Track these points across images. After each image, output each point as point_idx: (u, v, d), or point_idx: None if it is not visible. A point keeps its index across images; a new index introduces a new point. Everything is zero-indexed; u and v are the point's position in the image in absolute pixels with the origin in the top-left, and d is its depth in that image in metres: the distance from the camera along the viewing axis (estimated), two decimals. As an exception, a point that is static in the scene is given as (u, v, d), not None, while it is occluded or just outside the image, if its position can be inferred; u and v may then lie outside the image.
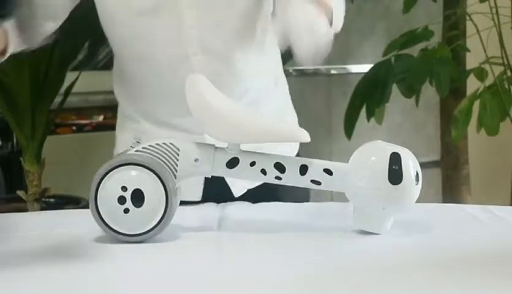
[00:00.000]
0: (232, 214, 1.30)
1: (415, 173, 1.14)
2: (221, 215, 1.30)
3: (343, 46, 3.23)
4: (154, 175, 1.12)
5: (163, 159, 1.15)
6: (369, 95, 2.62)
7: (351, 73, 3.22)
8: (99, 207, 1.13)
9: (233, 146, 1.16)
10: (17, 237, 1.20)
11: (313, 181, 1.15)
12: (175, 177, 1.14)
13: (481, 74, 2.63)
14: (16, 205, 2.51)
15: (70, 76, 2.48)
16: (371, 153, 1.16)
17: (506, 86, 2.62)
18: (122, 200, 1.12)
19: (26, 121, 2.39)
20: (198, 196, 1.40)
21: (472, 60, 2.77)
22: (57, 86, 2.44)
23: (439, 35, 2.81)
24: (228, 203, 1.37)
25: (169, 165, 1.15)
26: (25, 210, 2.37)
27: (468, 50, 2.78)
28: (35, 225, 1.27)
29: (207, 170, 1.16)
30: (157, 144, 1.15)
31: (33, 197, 2.40)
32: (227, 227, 1.23)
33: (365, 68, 2.73)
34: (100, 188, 1.12)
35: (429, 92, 2.77)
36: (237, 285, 0.95)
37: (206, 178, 1.39)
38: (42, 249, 1.13)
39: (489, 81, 2.63)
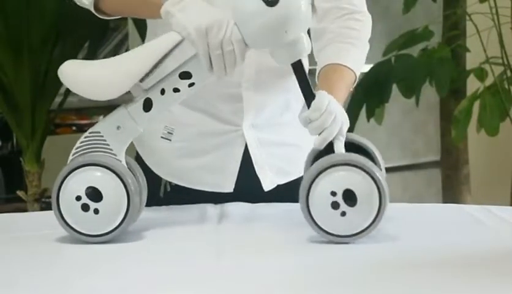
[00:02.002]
0: (231, 215, 1.30)
1: None
2: (220, 215, 1.30)
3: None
4: (111, 173, 1.12)
5: (96, 148, 1.14)
6: (369, 95, 2.62)
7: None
8: (62, 212, 1.13)
9: (136, 91, 1.15)
10: (16, 238, 1.20)
11: None
12: (115, 156, 1.14)
13: (481, 74, 2.63)
14: (16, 205, 2.51)
15: (70, 77, 2.47)
16: None
17: (506, 86, 2.62)
18: (85, 206, 1.12)
19: (25, 121, 2.39)
20: (230, 188, 1.39)
21: (472, 61, 2.77)
22: (57, 86, 2.44)
23: (439, 35, 2.81)
24: (227, 203, 1.37)
25: (103, 150, 1.14)
26: (25, 210, 2.38)
27: (468, 50, 2.78)
28: (35, 226, 1.27)
29: (133, 127, 1.15)
30: (81, 142, 1.15)
31: (33, 197, 2.40)
32: (226, 228, 1.23)
33: (365, 68, 2.73)
34: (60, 196, 1.13)
35: (429, 92, 2.77)
36: (235, 287, 0.95)
37: (239, 170, 1.38)
38: (42, 250, 1.12)
39: (489, 81, 2.63)
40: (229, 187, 1.38)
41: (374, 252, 1.08)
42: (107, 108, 1.52)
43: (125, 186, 1.13)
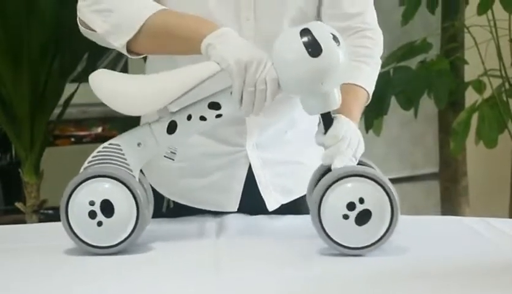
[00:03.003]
0: (230, 227, 1.30)
1: (331, 37, 1.12)
2: (219, 227, 1.30)
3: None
4: (122, 185, 1.12)
5: (112, 160, 1.15)
6: (368, 107, 2.61)
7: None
8: (70, 222, 1.13)
9: (162, 112, 1.15)
10: (15, 249, 1.20)
11: None
12: (131, 171, 1.14)
13: (479, 86, 2.63)
14: (15, 217, 2.51)
15: (69, 88, 2.48)
16: (284, 41, 1.13)
17: (505, 99, 2.62)
18: (92, 214, 1.12)
19: (24, 132, 2.39)
20: (233, 208, 1.39)
21: (470, 73, 2.78)
22: (56, 97, 2.44)
23: (437, 47, 2.82)
24: (226, 215, 1.37)
25: (120, 162, 1.15)
26: (23, 222, 2.37)
27: (467, 62, 2.78)
28: (33, 237, 1.27)
29: (154, 147, 1.16)
30: (99, 151, 1.15)
31: (31, 209, 2.40)
32: (225, 240, 1.23)
33: (363, 80, 2.73)
34: (70, 203, 1.13)
35: (428, 104, 2.78)
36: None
37: (243, 190, 1.38)
38: (40, 262, 1.12)
39: (487, 93, 2.64)
40: (233, 207, 1.38)
41: (372, 264, 1.08)
42: (105, 119, 1.53)
43: (135, 198, 1.13)
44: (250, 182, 1.38)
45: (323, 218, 1.10)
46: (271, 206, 1.39)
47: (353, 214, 1.09)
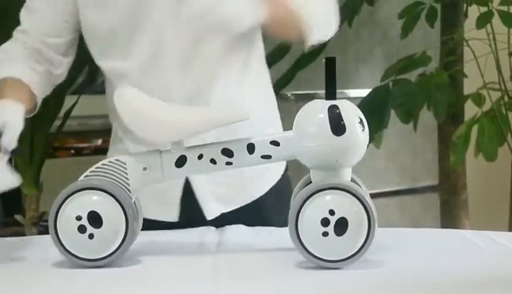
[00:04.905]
0: (230, 238, 1.30)
1: (358, 120, 1.13)
2: (219, 239, 1.30)
3: (341, 70, 3.23)
4: (110, 197, 1.12)
5: (113, 177, 1.14)
6: (368, 120, 2.62)
7: (350, 98, 3.22)
8: (59, 236, 1.13)
9: (177, 145, 1.16)
10: (13, 262, 1.20)
11: (263, 156, 1.16)
12: (129, 192, 1.14)
13: (478, 99, 2.64)
14: (14, 229, 2.50)
15: (69, 100, 2.48)
16: (310, 112, 1.15)
17: (504, 112, 2.63)
18: (81, 228, 1.12)
19: (24, 144, 2.39)
20: (174, 218, 1.39)
21: (470, 86, 2.79)
22: (56, 109, 2.44)
23: (437, 60, 2.83)
24: (227, 226, 1.37)
25: (120, 181, 1.14)
26: (23, 234, 2.36)
27: (466, 76, 2.79)
28: (32, 250, 1.27)
29: (158, 176, 1.16)
30: (103, 164, 1.15)
31: (31, 221, 2.39)
32: (224, 252, 1.23)
33: (363, 93, 2.74)
34: (58, 216, 1.12)
35: (427, 116, 2.78)
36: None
37: (181, 199, 1.39)
38: (38, 274, 1.12)
39: (487, 106, 2.64)
40: (173, 217, 1.39)
41: (370, 276, 1.08)
42: (105, 131, 1.53)
43: (124, 209, 1.12)
44: (189, 191, 1.38)
45: (300, 232, 1.10)
46: (209, 214, 1.40)
47: (331, 224, 1.08)
